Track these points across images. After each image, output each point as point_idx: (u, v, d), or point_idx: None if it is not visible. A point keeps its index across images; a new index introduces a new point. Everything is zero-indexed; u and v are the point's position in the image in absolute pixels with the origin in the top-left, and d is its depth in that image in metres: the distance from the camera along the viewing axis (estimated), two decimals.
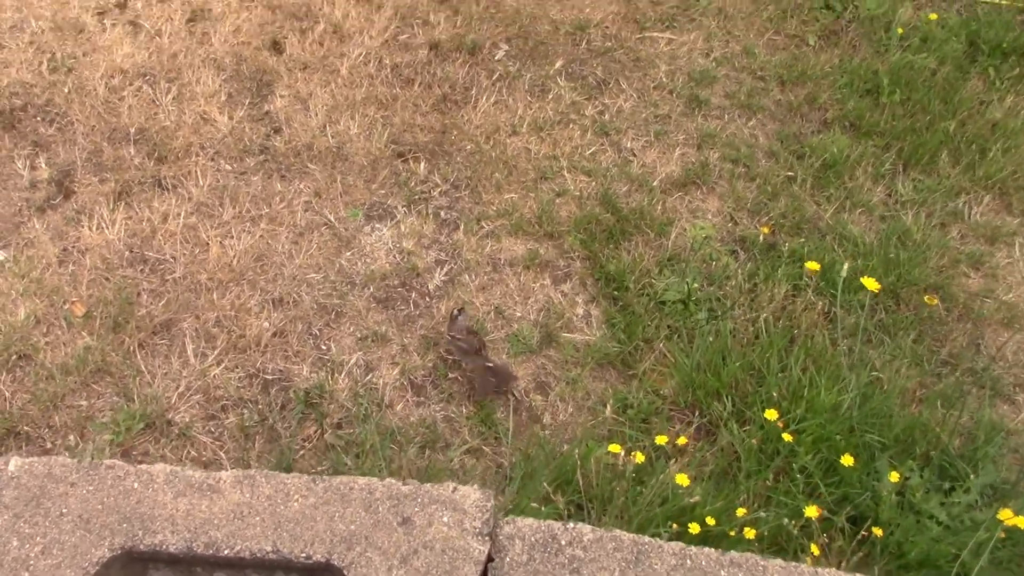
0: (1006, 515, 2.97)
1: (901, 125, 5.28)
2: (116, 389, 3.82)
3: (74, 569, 2.67)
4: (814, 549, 3.03)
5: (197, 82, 5.05)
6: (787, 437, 3.29)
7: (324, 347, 4.08)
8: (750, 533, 2.98)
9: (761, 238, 4.45)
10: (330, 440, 3.72)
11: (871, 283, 3.82)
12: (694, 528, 2.91)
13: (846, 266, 3.99)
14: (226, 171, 4.69)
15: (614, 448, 3.34)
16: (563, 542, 2.66)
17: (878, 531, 3.08)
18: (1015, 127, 5.31)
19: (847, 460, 3.15)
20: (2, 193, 4.48)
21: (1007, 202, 4.99)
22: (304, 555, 2.74)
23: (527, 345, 4.15)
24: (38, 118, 4.81)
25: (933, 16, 6.03)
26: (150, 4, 5.47)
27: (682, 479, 3.16)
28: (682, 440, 3.52)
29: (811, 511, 3.07)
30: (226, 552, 2.74)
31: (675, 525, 2.95)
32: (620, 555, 2.55)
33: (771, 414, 3.34)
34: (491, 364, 3.86)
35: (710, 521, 2.97)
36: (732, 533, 2.99)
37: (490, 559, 2.75)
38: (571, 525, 2.69)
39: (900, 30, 5.91)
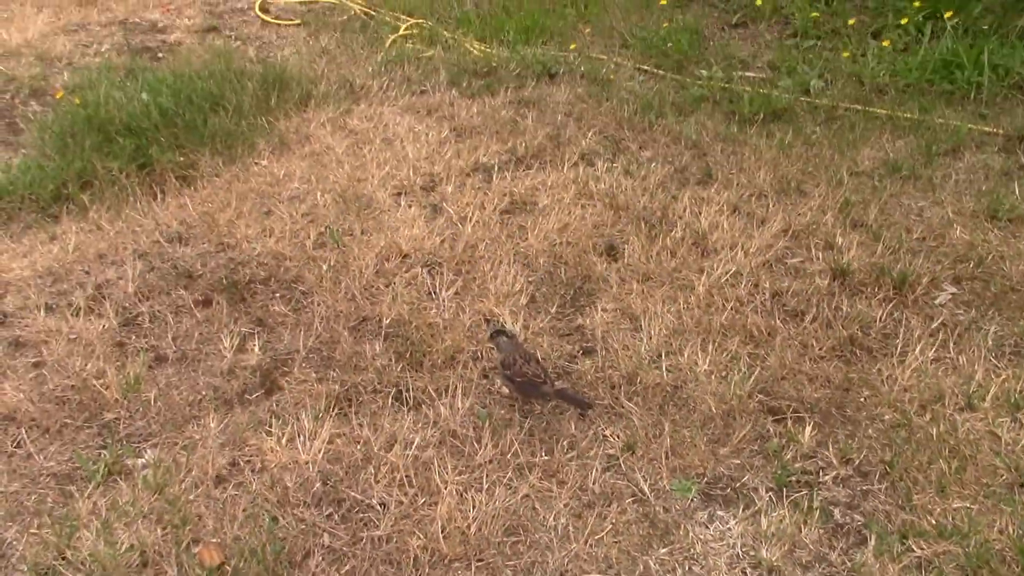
0: None
1: None
2: None
3: None
4: None
5: (493, 278, 3.59)
6: None
7: None
8: None
9: None
10: None
11: None
12: None
13: None
14: (500, 394, 3.07)
15: None
16: None
17: None
18: None
19: None
20: (189, 375, 3.15)
21: None
22: None
23: None
24: (277, 294, 3.54)
25: None
26: (462, 189, 4.22)
27: None
28: None
29: None
30: None
31: None
32: None
33: None
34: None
35: None
36: None
37: None
38: None
39: None
